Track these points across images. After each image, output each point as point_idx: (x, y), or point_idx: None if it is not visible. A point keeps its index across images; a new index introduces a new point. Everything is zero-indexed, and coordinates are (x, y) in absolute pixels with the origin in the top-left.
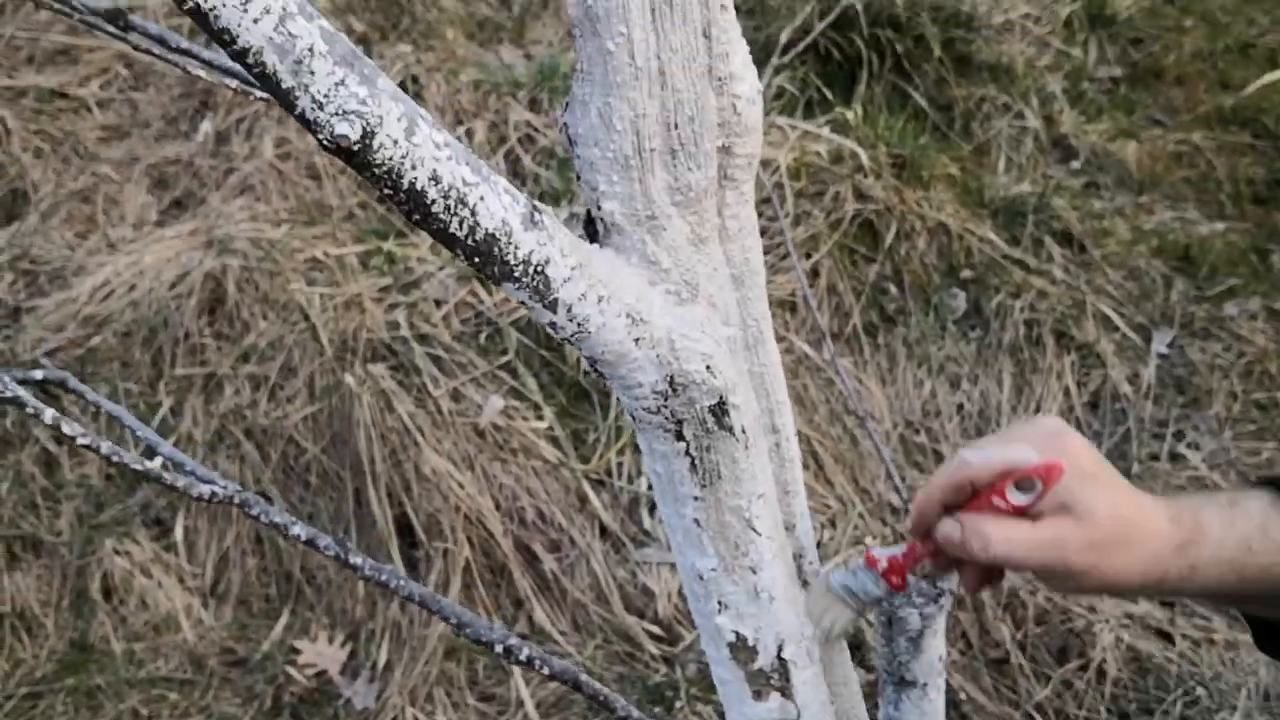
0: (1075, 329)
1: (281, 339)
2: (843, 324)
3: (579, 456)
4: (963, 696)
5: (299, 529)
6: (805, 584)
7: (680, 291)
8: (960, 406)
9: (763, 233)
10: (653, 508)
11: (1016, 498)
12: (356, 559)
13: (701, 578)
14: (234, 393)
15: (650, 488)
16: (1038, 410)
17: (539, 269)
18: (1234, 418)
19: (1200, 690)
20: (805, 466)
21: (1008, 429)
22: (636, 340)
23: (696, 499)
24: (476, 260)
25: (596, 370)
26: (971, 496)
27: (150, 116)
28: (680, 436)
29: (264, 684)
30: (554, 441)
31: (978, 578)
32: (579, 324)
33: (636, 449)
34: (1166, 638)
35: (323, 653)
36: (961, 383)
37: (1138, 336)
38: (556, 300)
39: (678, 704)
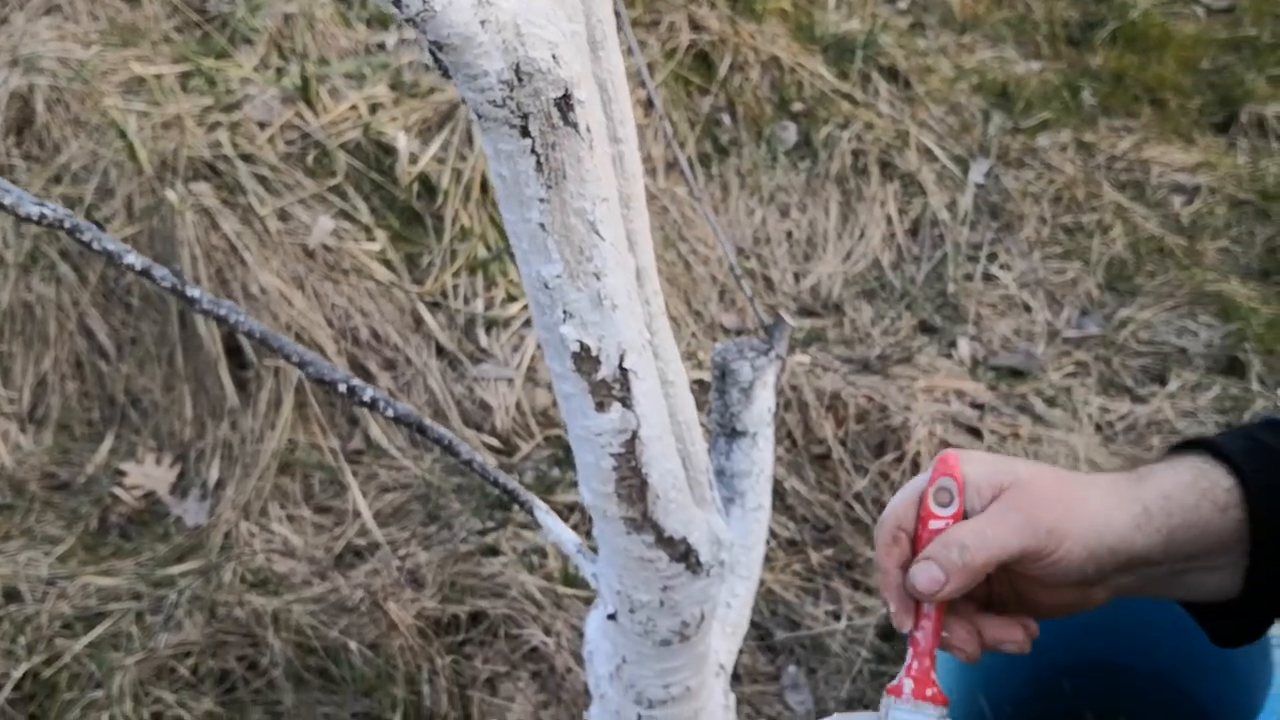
0: (899, 159)
1: (96, 160)
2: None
3: (413, 279)
4: (788, 488)
5: (133, 258)
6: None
7: None
8: (790, 234)
9: None
10: (489, 327)
11: (943, 510)
12: (194, 292)
13: (547, 286)
14: None
15: (486, 308)
16: (862, 236)
17: None
18: (1043, 241)
19: None
20: None
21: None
22: (483, 23)
23: (542, 200)
24: None
25: (440, 62)
26: (913, 543)
27: None
28: (526, 133)
29: (89, 505)
30: (387, 264)
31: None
32: (424, 0)
33: (472, 271)
34: (976, 433)
35: (150, 474)
36: (791, 211)
37: (956, 167)
38: None
39: (515, 508)
